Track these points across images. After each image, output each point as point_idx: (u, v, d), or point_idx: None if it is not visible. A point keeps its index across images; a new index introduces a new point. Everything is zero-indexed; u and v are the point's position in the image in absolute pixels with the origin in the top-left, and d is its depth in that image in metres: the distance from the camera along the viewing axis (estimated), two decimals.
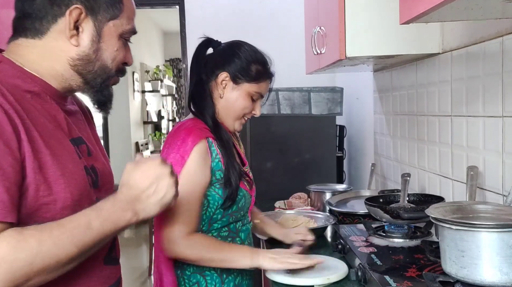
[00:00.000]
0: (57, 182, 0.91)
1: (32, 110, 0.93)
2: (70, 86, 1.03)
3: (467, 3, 0.95)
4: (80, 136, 1.05)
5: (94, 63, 1.02)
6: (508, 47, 1.27)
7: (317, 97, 2.67)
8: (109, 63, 1.04)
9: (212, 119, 1.47)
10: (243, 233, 1.50)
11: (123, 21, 1.04)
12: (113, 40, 1.03)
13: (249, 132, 2.66)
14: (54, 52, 0.99)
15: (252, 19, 3.48)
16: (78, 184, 0.96)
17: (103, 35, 1.01)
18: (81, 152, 1.03)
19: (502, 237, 0.99)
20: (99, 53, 1.02)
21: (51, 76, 1.00)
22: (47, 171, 0.90)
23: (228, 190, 1.41)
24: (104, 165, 1.12)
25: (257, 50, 1.52)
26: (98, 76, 1.03)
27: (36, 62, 0.98)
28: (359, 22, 1.63)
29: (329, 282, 1.32)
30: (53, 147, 0.93)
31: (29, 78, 0.97)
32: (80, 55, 0.99)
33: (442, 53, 1.66)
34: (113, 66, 1.05)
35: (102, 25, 1.01)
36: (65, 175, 0.93)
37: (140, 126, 6.90)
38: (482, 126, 1.41)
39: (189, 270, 1.43)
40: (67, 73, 1.00)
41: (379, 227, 1.57)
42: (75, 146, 1.01)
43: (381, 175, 2.44)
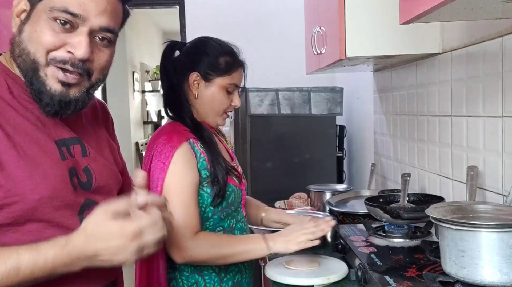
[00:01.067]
0: (22, 183, 0.89)
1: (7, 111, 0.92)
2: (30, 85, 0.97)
3: (467, 3, 0.95)
4: (74, 137, 1.02)
5: (18, 45, 0.94)
6: (508, 47, 1.27)
7: (317, 97, 2.67)
8: (29, 46, 0.93)
9: (191, 120, 1.47)
10: (238, 231, 1.50)
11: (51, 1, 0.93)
12: (38, 20, 0.93)
13: (249, 132, 2.66)
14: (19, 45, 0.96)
15: (252, 19, 3.48)
16: (50, 185, 0.92)
17: (32, 16, 0.94)
18: (70, 152, 1.00)
19: (502, 237, 0.99)
20: (22, 35, 0.94)
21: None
22: (11, 172, 0.88)
23: (216, 187, 1.41)
24: (106, 166, 1.08)
25: (223, 43, 1.51)
26: (24, 62, 0.94)
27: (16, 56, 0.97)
28: (359, 22, 1.63)
29: (329, 282, 1.32)
30: (24, 148, 0.91)
31: (11, 79, 0.96)
32: (13, 39, 0.96)
33: (442, 53, 1.66)
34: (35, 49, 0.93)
35: (34, 6, 0.94)
36: (33, 176, 0.90)
37: (140, 126, 6.90)
38: (482, 126, 1.41)
39: (187, 271, 1.43)
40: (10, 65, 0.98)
41: (379, 227, 1.57)
42: (62, 146, 0.98)
43: (381, 175, 2.44)
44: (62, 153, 0.98)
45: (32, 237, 0.91)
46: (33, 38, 0.93)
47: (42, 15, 0.92)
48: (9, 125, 0.91)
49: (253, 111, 2.63)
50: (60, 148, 0.98)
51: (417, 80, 1.91)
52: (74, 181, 0.98)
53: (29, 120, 0.95)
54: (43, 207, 0.92)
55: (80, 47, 0.93)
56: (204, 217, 1.42)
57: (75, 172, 0.99)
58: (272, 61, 3.39)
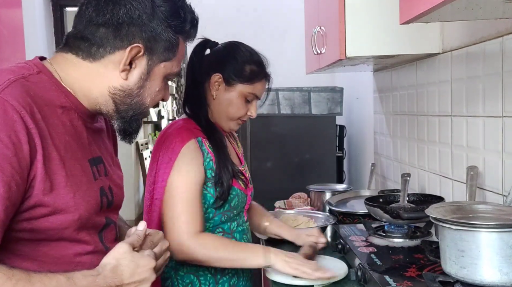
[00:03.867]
0: (67, 204, 0.92)
1: (59, 128, 0.93)
2: (100, 110, 1.03)
3: (467, 3, 0.95)
4: (100, 156, 1.06)
5: (133, 97, 1.02)
6: (508, 47, 1.27)
7: (317, 97, 2.67)
8: (147, 101, 1.04)
9: (206, 120, 1.46)
10: (238, 234, 1.49)
11: (173, 64, 1.05)
12: (159, 80, 1.04)
13: (249, 132, 2.66)
14: (99, 78, 0.99)
15: (252, 19, 3.48)
16: (88, 206, 0.96)
17: (152, 75, 1.02)
18: (98, 172, 1.03)
19: (502, 237, 0.99)
20: (141, 91, 1.02)
21: (84, 95, 1.00)
22: (58, 192, 0.90)
23: (220, 189, 1.40)
24: (119, 185, 1.12)
25: (253, 51, 1.50)
26: (131, 110, 1.03)
27: (76, 79, 0.99)
28: (359, 22, 1.63)
29: (329, 282, 1.32)
30: (71, 167, 0.93)
31: (63, 93, 0.97)
32: (124, 88, 1.00)
33: (442, 53, 1.66)
34: (150, 104, 1.06)
35: (154, 65, 1.02)
36: (76, 197, 0.93)
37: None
38: (482, 126, 1.41)
39: (182, 270, 1.42)
40: (102, 98, 1.01)
41: (379, 227, 1.57)
42: (93, 166, 1.01)
43: (381, 175, 2.44)
44: (93, 172, 1.01)
45: (59, 253, 0.94)
46: (153, 95, 1.05)
47: (161, 77, 1.04)
48: (61, 143, 0.93)
49: None
50: (92, 167, 1.01)
51: (417, 80, 1.91)
52: (103, 201, 1.02)
53: (74, 138, 0.97)
54: (77, 227, 0.95)
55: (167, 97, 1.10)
56: (205, 218, 1.42)
57: (104, 191, 1.03)
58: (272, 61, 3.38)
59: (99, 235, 1.03)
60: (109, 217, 1.06)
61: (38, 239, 0.92)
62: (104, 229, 1.04)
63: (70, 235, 0.95)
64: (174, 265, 1.42)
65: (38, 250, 0.93)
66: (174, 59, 1.04)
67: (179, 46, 1.04)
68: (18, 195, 0.85)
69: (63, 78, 0.99)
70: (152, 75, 1.02)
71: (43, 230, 0.91)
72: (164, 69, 1.03)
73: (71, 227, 0.94)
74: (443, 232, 1.08)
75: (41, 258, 0.93)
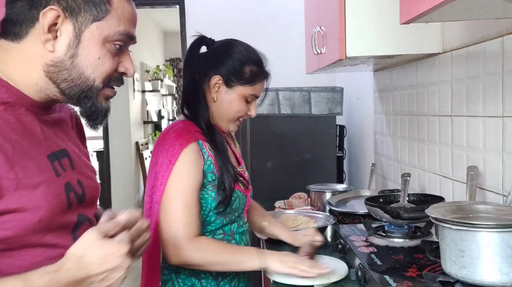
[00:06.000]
0: (22, 208, 0.84)
1: (3, 127, 0.86)
2: (48, 96, 0.94)
3: (467, 3, 0.95)
4: (63, 149, 0.97)
5: (70, 70, 0.91)
6: (508, 47, 1.27)
7: (317, 97, 2.67)
8: (88, 72, 0.92)
9: (206, 122, 1.43)
10: (238, 235, 1.48)
11: (110, 24, 0.92)
12: (96, 45, 0.91)
13: (249, 132, 2.66)
14: (30, 58, 0.90)
15: (252, 19, 3.48)
16: (49, 206, 0.88)
17: (83, 40, 0.90)
18: (62, 166, 0.95)
19: (502, 237, 0.99)
20: (75, 60, 0.91)
21: (26, 84, 0.92)
22: (9, 197, 0.83)
23: (222, 194, 1.39)
24: (90, 177, 1.04)
25: (251, 50, 1.47)
26: (75, 86, 0.92)
27: (13, 67, 0.91)
28: (359, 22, 1.63)
29: (329, 282, 1.32)
30: (22, 168, 0.85)
31: (4, 87, 0.90)
32: (54, 61, 0.90)
33: (442, 53, 1.66)
34: (96, 76, 0.93)
35: (83, 28, 0.90)
36: (32, 200, 0.85)
37: (140, 126, 6.89)
38: (482, 126, 1.41)
39: (184, 273, 1.41)
40: (42, 81, 0.92)
41: (379, 227, 1.57)
42: (54, 161, 0.93)
43: (381, 175, 2.44)
44: (55, 168, 0.92)
45: (26, 262, 0.87)
46: (94, 65, 0.92)
47: (100, 39, 0.91)
48: (6, 144, 0.84)
49: None
50: (52, 162, 0.93)
51: (417, 80, 1.91)
52: (71, 197, 0.94)
53: (23, 135, 0.89)
54: (40, 230, 0.87)
55: (130, 67, 0.97)
56: (206, 221, 1.41)
57: (70, 186, 0.94)
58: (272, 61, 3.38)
59: (73, 235, 0.94)
60: (82, 214, 0.97)
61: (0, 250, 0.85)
62: (78, 227, 0.95)
63: (35, 241, 0.87)
64: (174, 268, 1.41)
65: (2, 262, 0.85)
66: (108, 16, 0.91)
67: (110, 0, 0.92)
68: None
69: (1, 70, 0.91)
70: (85, 41, 0.90)
71: (1, 240, 0.84)
72: (100, 31, 0.91)
73: (33, 232, 0.86)
74: (443, 232, 1.08)
75: (7, 270, 0.85)
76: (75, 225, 0.95)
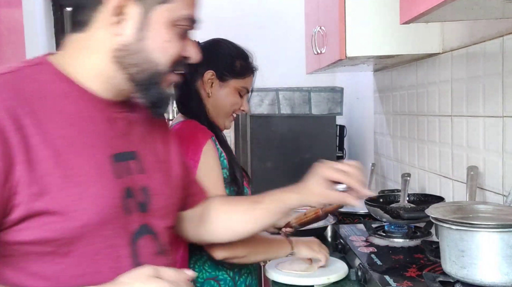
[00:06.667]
0: (68, 208, 0.79)
1: (57, 121, 0.82)
2: (115, 87, 0.90)
3: (467, 3, 0.95)
4: (133, 151, 0.92)
5: (138, 54, 0.87)
6: (508, 47, 1.27)
7: (317, 97, 2.67)
8: (156, 55, 0.88)
9: (206, 119, 1.45)
10: None
11: (177, 6, 0.88)
12: (162, 28, 0.88)
13: (249, 132, 2.66)
14: (97, 45, 0.87)
15: (252, 19, 3.47)
16: (99, 211, 0.82)
17: (150, 22, 0.87)
18: (127, 169, 0.89)
19: (502, 237, 0.99)
20: (143, 43, 0.87)
21: (92, 77, 0.89)
22: (53, 196, 0.78)
23: (235, 187, 1.40)
24: (164, 184, 0.97)
25: (238, 46, 1.51)
26: (143, 71, 0.89)
27: (77, 60, 0.89)
28: (359, 22, 1.63)
29: (329, 282, 1.32)
30: (73, 165, 0.81)
31: (66, 83, 0.87)
32: (122, 45, 0.87)
33: (442, 53, 1.66)
34: (163, 60, 0.90)
35: (149, 10, 0.86)
36: (80, 201, 0.80)
37: None
38: (482, 126, 1.41)
39: (201, 277, 1.40)
40: (109, 69, 0.88)
41: (379, 227, 1.57)
42: (118, 162, 0.88)
43: (381, 175, 2.44)
44: (116, 170, 0.87)
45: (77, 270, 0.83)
46: (162, 48, 0.89)
47: (167, 22, 0.88)
48: (61, 139, 0.81)
49: (253, 111, 2.63)
50: (114, 164, 0.87)
51: (417, 80, 1.91)
52: (130, 203, 0.88)
53: (84, 132, 0.85)
54: (90, 235, 0.82)
55: (194, 52, 0.94)
56: None
57: (131, 192, 0.89)
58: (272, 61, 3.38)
59: (132, 248, 0.88)
60: (146, 225, 0.91)
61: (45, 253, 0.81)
62: (138, 238, 0.89)
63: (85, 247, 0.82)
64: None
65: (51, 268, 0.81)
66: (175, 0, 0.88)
67: None
68: None
69: (67, 65, 0.88)
70: (151, 23, 0.87)
71: (47, 241, 0.80)
72: (167, 14, 0.87)
73: (80, 236, 0.81)
74: (443, 232, 1.08)
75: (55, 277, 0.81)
76: (134, 234, 0.89)
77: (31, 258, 0.81)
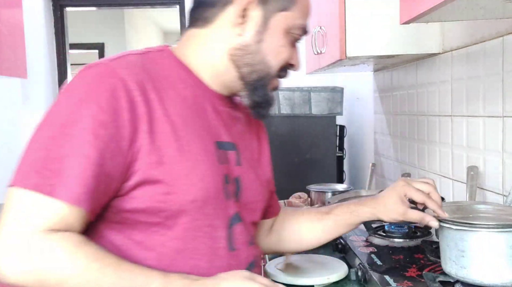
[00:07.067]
0: (178, 181, 0.84)
1: (178, 102, 0.88)
2: (224, 83, 0.97)
3: (467, 3, 0.95)
4: (233, 143, 0.97)
5: (254, 55, 0.93)
6: (508, 47, 1.27)
7: (317, 97, 2.67)
8: (269, 58, 0.95)
9: None
10: None
11: (294, 15, 0.95)
12: (279, 34, 0.94)
13: None
14: (216, 42, 0.94)
15: None
16: (205, 188, 0.87)
17: (269, 27, 0.93)
18: (226, 158, 0.94)
19: (502, 237, 0.99)
20: (260, 45, 0.93)
21: (206, 69, 0.95)
22: (170, 167, 0.83)
23: None
24: (255, 181, 1.02)
25: None
26: (255, 72, 0.95)
27: (196, 52, 0.96)
28: (359, 22, 1.63)
29: (329, 282, 1.32)
30: (188, 142, 0.86)
31: (184, 71, 0.94)
32: (241, 45, 0.93)
33: (442, 53, 1.66)
34: (274, 64, 0.96)
35: (270, 15, 0.93)
36: (191, 175, 0.85)
37: None
38: (482, 126, 1.41)
39: None
40: (222, 66, 0.95)
41: (379, 227, 1.57)
42: (219, 149, 0.93)
43: (381, 175, 2.44)
44: (219, 156, 0.92)
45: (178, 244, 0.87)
46: (276, 52, 0.95)
47: (284, 29, 0.95)
48: (178, 116, 0.87)
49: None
50: (217, 150, 0.93)
51: (417, 80, 1.91)
52: (228, 189, 0.93)
53: (196, 116, 0.91)
54: (195, 211, 0.87)
55: (299, 62, 1.01)
56: None
57: (228, 179, 0.93)
58: None
59: (228, 231, 0.92)
60: (238, 214, 0.95)
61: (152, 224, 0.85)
62: (233, 224, 0.94)
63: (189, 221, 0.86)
64: None
65: (155, 238, 0.85)
66: (294, 8, 0.95)
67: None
68: (114, 165, 0.79)
69: (185, 55, 0.95)
70: (270, 28, 0.93)
71: (156, 211, 0.84)
72: (284, 21, 0.94)
73: (187, 211, 0.85)
74: (443, 232, 1.08)
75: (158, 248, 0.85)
76: (230, 219, 0.93)
77: (138, 227, 0.85)
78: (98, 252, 0.78)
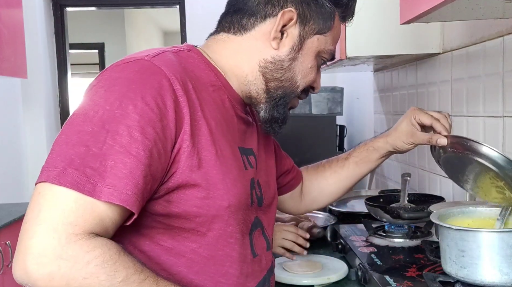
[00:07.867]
0: (216, 186, 0.82)
1: (210, 104, 0.86)
2: (248, 92, 0.96)
3: (467, 3, 0.95)
4: (251, 148, 0.98)
5: (284, 72, 0.94)
6: (508, 47, 1.27)
7: (317, 97, 2.67)
8: (298, 77, 0.96)
9: None
10: None
11: (327, 40, 0.97)
12: (311, 55, 0.96)
13: None
14: (249, 51, 0.94)
15: None
16: (238, 194, 0.85)
17: (304, 47, 0.94)
18: (249, 162, 0.94)
19: (502, 237, 0.99)
20: (293, 63, 0.94)
21: (235, 75, 0.94)
22: (207, 171, 0.81)
23: None
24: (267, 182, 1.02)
25: None
26: (281, 88, 0.95)
27: (226, 57, 0.94)
28: (359, 22, 1.62)
29: (329, 282, 1.32)
30: (221, 147, 0.85)
31: (213, 72, 0.92)
32: (275, 59, 0.93)
33: (442, 53, 1.66)
34: (301, 83, 0.97)
35: (307, 37, 0.94)
36: (225, 180, 0.83)
37: None
38: (482, 126, 1.41)
39: None
40: (251, 75, 0.94)
41: (379, 227, 1.57)
42: (243, 154, 0.92)
43: (381, 174, 2.44)
44: (244, 161, 0.92)
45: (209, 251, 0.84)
46: (305, 73, 0.96)
47: (316, 51, 0.96)
48: (212, 119, 0.85)
49: None
50: (242, 155, 0.92)
51: (418, 80, 1.91)
52: (253, 194, 0.92)
53: (225, 119, 0.90)
54: (228, 216, 0.84)
55: (319, 85, 1.02)
56: None
57: (254, 184, 0.93)
58: None
59: (250, 237, 0.92)
60: (258, 218, 0.95)
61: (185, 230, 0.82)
62: (254, 230, 0.93)
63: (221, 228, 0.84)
64: None
65: (186, 245, 0.83)
66: (329, 33, 0.96)
67: (334, 19, 0.96)
68: (158, 166, 0.75)
69: (213, 58, 0.94)
70: (305, 48, 0.94)
71: (191, 216, 0.81)
72: (318, 44, 0.95)
73: (221, 216, 0.83)
74: (443, 232, 1.08)
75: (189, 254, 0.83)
76: (252, 225, 0.93)
77: (169, 233, 0.82)
78: (136, 264, 0.74)
